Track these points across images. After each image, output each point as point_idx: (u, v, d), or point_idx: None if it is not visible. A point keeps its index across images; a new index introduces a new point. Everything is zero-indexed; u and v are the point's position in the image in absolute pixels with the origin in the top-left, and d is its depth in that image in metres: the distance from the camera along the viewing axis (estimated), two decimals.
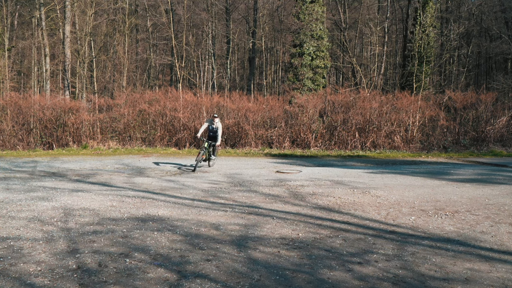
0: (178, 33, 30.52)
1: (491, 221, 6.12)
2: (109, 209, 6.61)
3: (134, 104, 18.30)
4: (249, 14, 32.54)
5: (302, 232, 5.48)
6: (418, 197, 7.84)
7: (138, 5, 34.16)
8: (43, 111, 17.68)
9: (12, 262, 4.23)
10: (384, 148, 17.95)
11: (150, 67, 34.05)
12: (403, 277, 4.01)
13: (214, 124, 11.88)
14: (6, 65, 22.98)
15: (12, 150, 16.87)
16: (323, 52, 22.91)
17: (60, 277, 3.87)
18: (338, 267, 4.24)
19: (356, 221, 6.09)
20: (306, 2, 22.57)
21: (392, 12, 31.63)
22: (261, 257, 4.51)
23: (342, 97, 18.88)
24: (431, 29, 22.98)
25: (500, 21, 33.89)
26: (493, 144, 18.34)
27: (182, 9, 27.83)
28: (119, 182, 9.32)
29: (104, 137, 18.05)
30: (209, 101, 18.90)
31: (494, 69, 35.62)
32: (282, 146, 18.06)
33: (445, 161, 14.95)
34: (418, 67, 21.77)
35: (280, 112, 18.52)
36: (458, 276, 4.07)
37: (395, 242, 5.12)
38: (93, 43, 25.64)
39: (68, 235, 5.20)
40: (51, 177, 9.90)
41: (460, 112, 19.04)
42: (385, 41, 30.12)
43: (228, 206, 6.93)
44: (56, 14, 24.96)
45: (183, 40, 26.38)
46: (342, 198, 7.70)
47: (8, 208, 6.55)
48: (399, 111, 18.45)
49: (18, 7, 31.52)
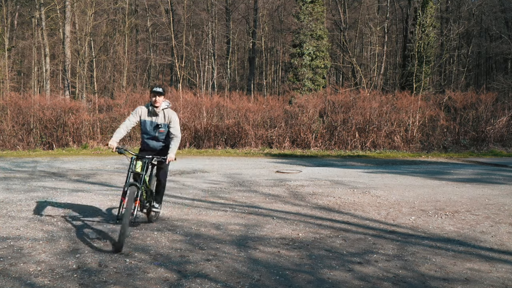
0: (178, 33, 30.50)
1: (491, 221, 6.12)
2: (109, 209, 6.61)
3: (134, 104, 18.31)
4: (249, 14, 32.53)
5: (302, 232, 5.48)
6: (418, 197, 7.84)
7: (138, 5, 34.15)
8: (43, 111, 17.67)
9: (12, 262, 4.23)
10: (384, 148, 17.94)
11: (150, 67, 34.04)
12: (403, 277, 4.01)
13: (158, 115, 5.39)
14: (6, 65, 22.98)
15: (12, 150, 16.86)
16: (323, 52, 22.91)
17: (60, 277, 3.87)
18: (338, 267, 4.24)
19: (356, 221, 6.09)
20: (306, 2, 22.57)
21: (392, 12, 31.62)
22: (261, 257, 4.51)
23: (342, 97, 18.89)
24: (431, 29, 22.97)
25: (500, 21, 33.88)
26: (493, 144, 18.34)
27: (182, 9, 27.81)
28: (119, 182, 9.32)
29: (104, 137, 18.05)
30: (209, 101, 18.90)
31: (494, 69, 35.62)
32: (282, 146, 18.06)
33: (445, 161, 14.95)
34: (418, 67, 21.77)
35: (280, 112, 18.53)
36: (458, 276, 4.07)
37: (395, 242, 5.12)
38: (93, 43, 25.64)
39: (68, 235, 5.20)
40: (51, 177, 9.90)
41: (460, 112, 19.05)
42: (385, 41, 30.12)
43: (228, 206, 6.93)
44: (56, 14, 24.96)
45: (183, 40, 26.38)
46: (342, 198, 7.70)
47: (8, 208, 6.55)
48: (399, 111, 18.45)
49: (18, 7, 31.51)
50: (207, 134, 18.14)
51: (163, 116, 5.37)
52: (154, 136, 5.40)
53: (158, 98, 5.24)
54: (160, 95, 5.24)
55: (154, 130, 5.38)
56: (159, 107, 5.32)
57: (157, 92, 5.23)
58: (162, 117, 5.36)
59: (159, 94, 5.23)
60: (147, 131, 5.40)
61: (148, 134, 5.41)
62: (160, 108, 5.32)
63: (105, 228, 5.55)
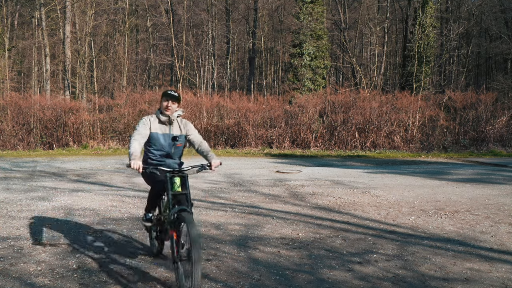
0: (178, 33, 30.52)
1: (491, 221, 6.13)
2: (110, 209, 6.62)
3: (134, 104, 18.30)
4: (249, 14, 32.53)
5: (302, 232, 5.49)
6: (418, 197, 7.84)
7: (138, 5, 34.18)
8: (44, 111, 17.68)
9: (12, 262, 4.23)
10: (384, 148, 17.95)
11: (150, 67, 34.05)
12: (403, 277, 4.02)
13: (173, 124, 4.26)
14: (6, 65, 22.99)
15: (12, 150, 16.87)
16: (323, 52, 22.92)
17: (60, 277, 3.88)
18: (338, 267, 4.25)
19: (356, 221, 6.09)
20: (306, 2, 22.58)
21: (392, 12, 31.64)
22: (261, 257, 4.52)
23: (342, 97, 18.89)
24: (431, 29, 22.99)
25: (500, 21, 33.89)
26: (492, 144, 18.35)
27: (182, 9, 27.83)
28: (119, 182, 9.33)
29: (104, 137, 18.06)
30: (209, 101, 18.90)
31: (494, 69, 35.64)
32: (282, 146, 18.06)
33: (445, 161, 14.95)
34: (418, 67, 21.78)
35: (280, 112, 18.53)
36: (458, 276, 4.07)
37: (395, 242, 5.12)
38: (93, 43, 25.65)
39: (68, 235, 5.20)
40: (51, 177, 9.91)
41: (460, 112, 19.06)
42: (385, 41, 30.13)
43: (228, 206, 6.93)
44: (56, 14, 24.97)
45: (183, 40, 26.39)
46: (342, 198, 7.70)
47: (8, 208, 6.56)
48: (399, 111, 18.46)
49: (18, 7, 31.53)
50: (207, 134, 18.15)
51: (178, 125, 4.25)
52: (170, 152, 4.20)
53: (171, 104, 4.12)
54: (174, 100, 4.13)
55: (170, 144, 4.18)
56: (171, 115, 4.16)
57: (171, 97, 4.12)
58: (178, 127, 4.24)
59: (173, 99, 4.13)
60: (160, 146, 4.15)
61: (162, 151, 4.17)
62: (174, 116, 4.18)
63: (105, 228, 5.56)
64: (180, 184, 3.85)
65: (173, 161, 4.25)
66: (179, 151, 4.30)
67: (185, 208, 3.69)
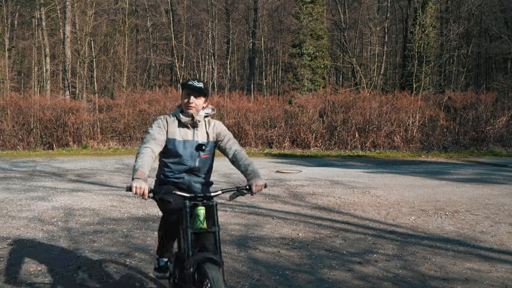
0: (178, 33, 30.52)
1: (491, 221, 6.13)
2: (110, 209, 6.62)
3: (134, 104, 18.30)
4: (249, 14, 32.54)
5: (302, 232, 5.49)
6: (418, 197, 7.84)
7: (138, 5, 34.18)
8: (43, 111, 17.68)
9: (12, 262, 4.24)
10: (384, 148, 17.95)
11: (150, 67, 34.06)
12: (403, 277, 4.02)
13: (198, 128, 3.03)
14: (6, 65, 22.99)
15: (12, 150, 16.87)
16: (322, 52, 22.92)
17: (60, 277, 3.88)
18: (338, 267, 4.25)
19: (356, 221, 6.09)
20: (306, 2, 22.59)
21: (392, 12, 31.64)
22: (261, 257, 4.52)
23: (342, 97, 18.89)
24: (431, 29, 22.99)
25: (500, 21, 33.90)
26: (493, 144, 18.35)
27: (182, 9, 27.84)
28: (119, 182, 9.33)
29: (104, 137, 18.05)
30: (209, 101, 18.89)
31: (494, 69, 35.65)
32: (282, 146, 18.06)
33: (445, 161, 14.95)
34: (418, 67, 21.78)
35: (280, 112, 18.53)
36: (458, 276, 4.08)
37: (395, 242, 5.12)
38: (93, 43, 25.65)
39: (68, 235, 5.20)
40: (51, 177, 9.91)
41: (460, 112, 19.05)
42: (385, 41, 30.15)
43: (228, 206, 6.93)
44: (56, 14, 24.98)
45: (183, 40, 26.40)
46: (342, 198, 7.70)
47: (8, 208, 6.56)
48: (399, 111, 18.46)
49: (18, 7, 31.53)
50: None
51: (205, 128, 3.08)
52: (193, 167, 3.02)
53: (195, 100, 2.96)
54: (199, 94, 2.97)
55: (193, 155, 3.00)
56: (197, 114, 2.99)
57: (194, 89, 2.93)
58: (204, 131, 3.07)
59: (197, 93, 2.96)
60: (180, 158, 2.99)
61: (182, 164, 3.01)
62: (199, 116, 3.01)
63: (105, 228, 5.55)
64: (205, 217, 2.69)
65: (197, 179, 3.08)
66: (206, 165, 3.08)
67: (211, 257, 2.56)
